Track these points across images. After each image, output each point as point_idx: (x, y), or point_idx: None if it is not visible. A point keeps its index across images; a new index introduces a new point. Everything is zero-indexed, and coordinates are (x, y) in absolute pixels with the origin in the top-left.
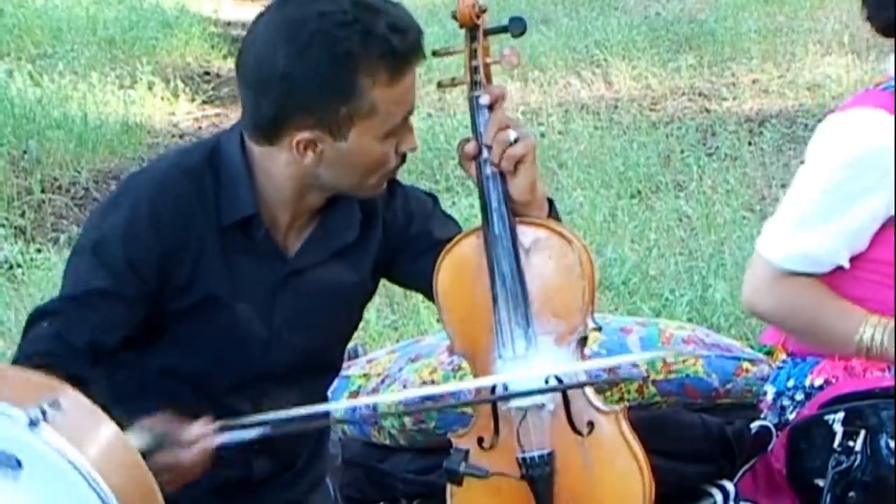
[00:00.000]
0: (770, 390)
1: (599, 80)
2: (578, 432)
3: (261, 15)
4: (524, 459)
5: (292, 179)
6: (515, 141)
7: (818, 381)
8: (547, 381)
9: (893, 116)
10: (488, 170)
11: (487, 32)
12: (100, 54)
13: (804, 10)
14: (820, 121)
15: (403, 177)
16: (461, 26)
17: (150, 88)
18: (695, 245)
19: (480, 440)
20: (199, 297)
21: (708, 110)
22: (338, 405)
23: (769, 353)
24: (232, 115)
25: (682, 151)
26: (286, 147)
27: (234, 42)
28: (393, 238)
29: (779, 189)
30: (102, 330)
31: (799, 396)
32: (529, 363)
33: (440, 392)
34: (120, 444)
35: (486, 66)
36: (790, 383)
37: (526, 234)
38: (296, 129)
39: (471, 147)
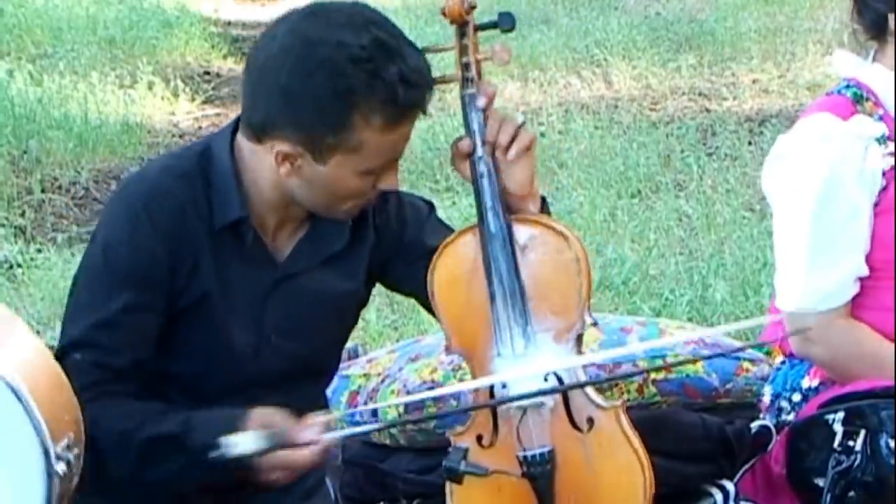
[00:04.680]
0: (768, 391)
1: (599, 80)
2: (578, 429)
3: (290, 14)
4: (525, 457)
5: (274, 186)
6: (523, 123)
7: (814, 383)
8: (546, 379)
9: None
10: (482, 167)
11: (477, 28)
12: (100, 54)
13: (804, 9)
14: None
15: (404, 176)
16: (451, 23)
17: (150, 88)
18: (695, 245)
19: (479, 438)
20: (193, 299)
21: (708, 110)
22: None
23: (767, 354)
24: (232, 115)
25: (682, 151)
26: (268, 151)
27: (234, 42)
28: (386, 243)
29: None
30: (140, 346)
31: (796, 398)
32: (529, 361)
33: (441, 394)
34: (32, 346)
35: (478, 62)
36: (787, 384)
37: (521, 231)
38: (280, 139)
39: (465, 144)
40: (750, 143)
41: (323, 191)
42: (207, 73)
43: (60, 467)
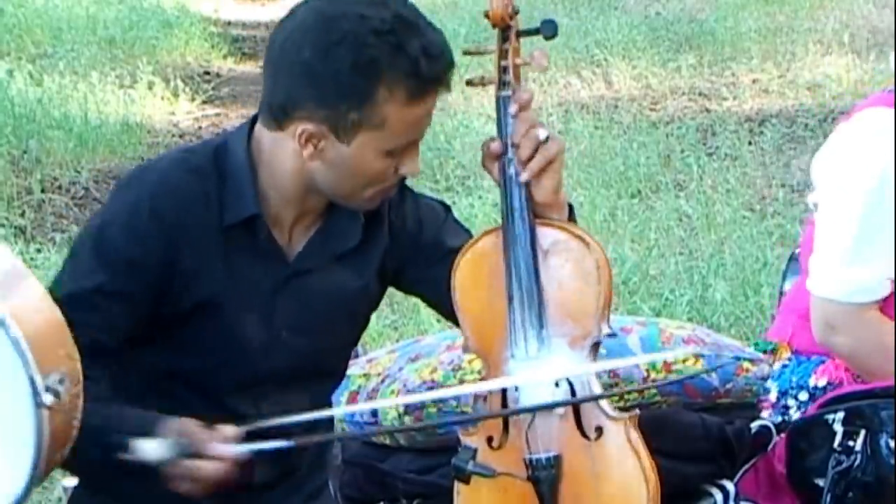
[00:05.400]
0: (774, 388)
1: (599, 80)
2: (586, 437)
3: None
4: (531, 461)
5: (295, 175)
6: (546, 139)
7: (822, 382)
8: (558, 384)
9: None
10: (512, 170)
11: (520, 34)
12: (100, 54)
13: (804, 9)
14: (820, 121)
15: None
16: (494, 26)
17: (150, 88)
18: (695, 245)
19: (490, 439)
20: (200, 297)
21: (708, 110)
22: (360, 406)
23: (774, 351)
24: (232, 115)
25: (682, 151)
26: (291, 135)
27: (234, 42)
28: (402, 246)
29: (779, 189)
30: (104, 330)
31: (803, 396)
32: (542, 365)
33: (448, 395)
34: (38, 295)
35: (516, 66)
36: (794, 381)
37: (545, 235)
38: (303, 119)
39: (496, 146)
40: (750, 143)
41: (346, 173)
42: (207, 73)
43: (48, 398)
